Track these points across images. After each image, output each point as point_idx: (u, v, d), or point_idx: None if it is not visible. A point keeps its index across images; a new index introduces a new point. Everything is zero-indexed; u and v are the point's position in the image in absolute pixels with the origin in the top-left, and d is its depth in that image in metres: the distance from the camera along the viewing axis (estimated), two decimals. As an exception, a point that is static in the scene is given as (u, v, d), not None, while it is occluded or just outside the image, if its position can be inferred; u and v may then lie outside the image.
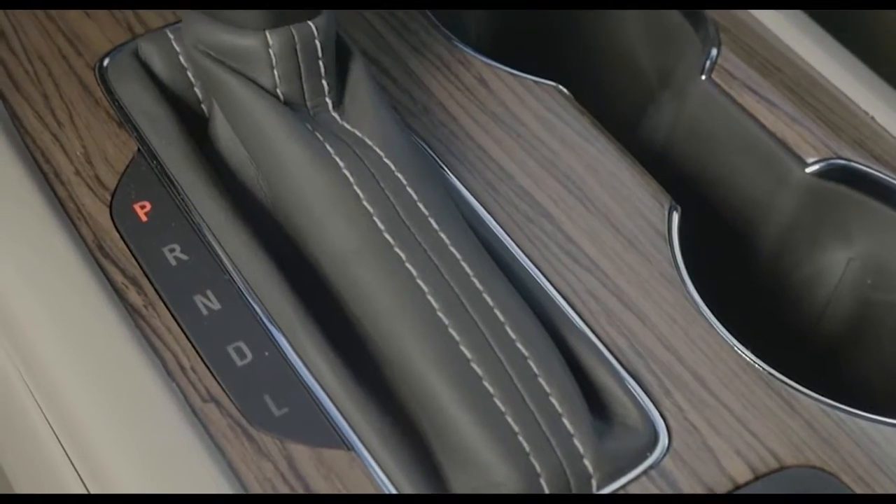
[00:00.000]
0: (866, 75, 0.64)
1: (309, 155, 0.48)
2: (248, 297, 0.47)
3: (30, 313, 0.49)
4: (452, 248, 0.47)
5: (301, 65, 0.49)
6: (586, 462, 0.44)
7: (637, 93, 0.70)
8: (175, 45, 0.53)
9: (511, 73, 0.59)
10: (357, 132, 0.50)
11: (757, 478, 0.45)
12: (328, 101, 0.51)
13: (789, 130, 0.59)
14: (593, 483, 0.44)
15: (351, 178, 0.48)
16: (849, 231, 0.60)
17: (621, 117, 0.65)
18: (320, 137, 0.49)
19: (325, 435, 0.44)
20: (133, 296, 0.48)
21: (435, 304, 0.45)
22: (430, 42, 0.59)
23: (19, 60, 0.56)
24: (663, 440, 0.46)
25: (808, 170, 0.59)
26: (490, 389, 0.44)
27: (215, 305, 0.47)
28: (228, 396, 0.45)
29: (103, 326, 0.47)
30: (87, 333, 0.47)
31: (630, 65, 0.70)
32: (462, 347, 0.45)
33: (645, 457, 0.45)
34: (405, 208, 0.47)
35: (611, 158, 0.55)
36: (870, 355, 0.62)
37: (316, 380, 0.45)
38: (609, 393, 0.47)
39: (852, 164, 0.58)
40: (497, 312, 0.46)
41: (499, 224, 0.52)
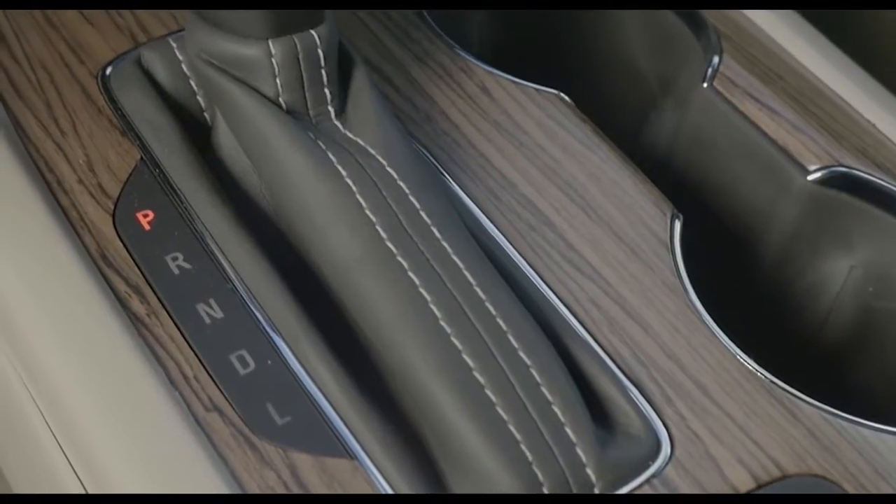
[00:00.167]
0: (868, 83, 0.64)
1: (311, 164, 0.48)
2: (250, 306, 0.47)
3: (33, 322, 0.49)
4: (455, 257, 0.47)
5: (303, 74, 0.49)
6: (589, 471, 0.44)
7: (639, 100, 0.70)
8: (178, 54, 0.53)
9: (513, 82, 0.59)
10: (360, 141, 0.50)
11: (759, 486, 0.45)
12: (331, 109, 0.51)
13: (791, 138, 0.60)
14: (595, 492, 0.44)
15: (354, 187, 0.48)
16: (851, 239, 0.60)
17: (623, 125, 0.65)
18: (323, 146, 0.49)
19: (327, 443, 0.44)
20: (136, 304, 0.48)
21: (437, 312, 0.45)
22: (432, 50, 0.59)
23: (22, 68, 0.56)
24: (666, 449, 0.46)
25: (809, 177, 0.59)
26: (492, 398, 0.44)
27: (218, 314, 0.47)
28: (231, 405, 0.45)
29: (106, 335, 0.47)
30: (90, 342, 0.47)
31: (632, 72, 0.70)
32: (464, 356, 0.45)
33: (647, 465, 0.45)
34: (408, 217, 0.48)
35: (613, 167, 0.55)
36: (872, 363, 0.62)
37: (318, 388, 0.45)
38: (611, 402, 0.47)
39: (854, 171, 0.58)
40: (500, 321, 0.46)
41: (501, 232, 0.52)
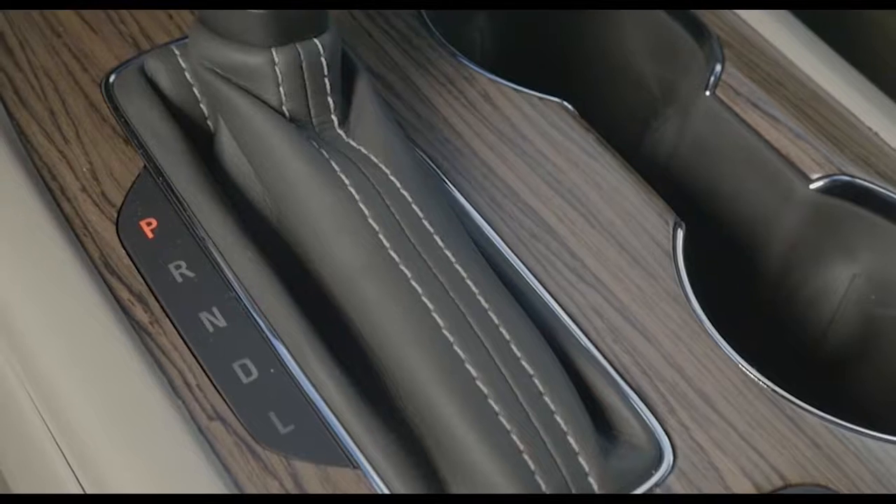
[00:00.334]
0: (870, 91, 0.64)
1: (314, 172, 0.48)
2: (253, 314, 0.47)
3: (35, 329, 0.49)
4: (457, 266, 0.47)
5: (307, 82, 0.49)
6: (591, 480, 0.44)
7: (641, 109, 0.70)
8: (181, 62, 0.53)
9: (515, 90, 0.59)
10: (362, 149, 0.50)
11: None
12: (334, 118, 0.51)
13: (793, 147, 0.60)
14: (598, 501, 0.44)
15: (356, 196, 0.48)
16: (853, 247, 0.60)
17: (626, 133, 0.65)
18: (326, 155, 0.49)
19: (330, 452, 0.44)
20: (139, 313, 0.48)
21: (440, 321, 0.45)
22: (434, 58, 0.60)
23: (26, 76, 0.56)
24: (668, 458, 0.46)
25: (812, 186, 0.59)
26: (495, 407, 0.44)
27: (221, 322, 0.47)
28: (234, 414, 0.45)
29: (109, 343, 0.47)
30: (93, 350, 0.47)
31: (634, 81, 0.70)
32: (467, 365, 0.45)
33: (650, 475, 0.45)
34: (410, 226, 0.48)
35: (615, 175, 0.56)
36: (874, 371, 0.62)
37: (321, 397, 0.45)
38: (614, 411, 0.47)
39: (856, 180, 0.58)
40: (502, 330, 0.46)
41: (503, 241, 0.52)
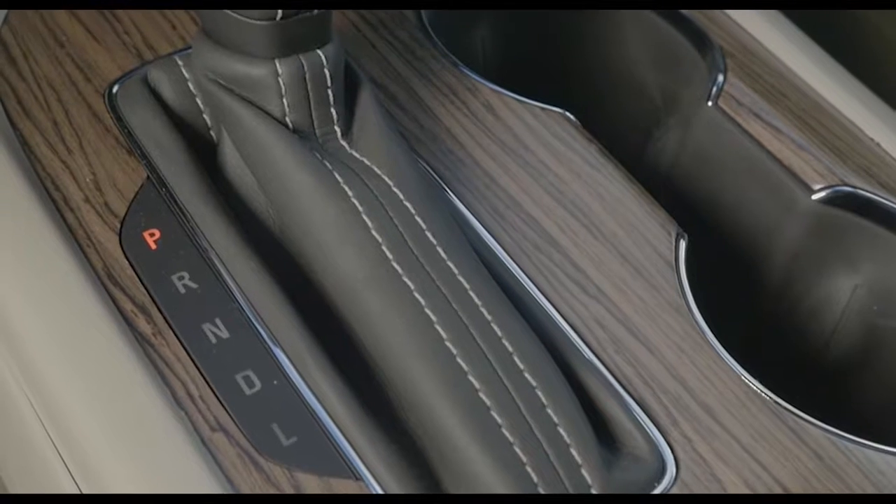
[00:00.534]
0: (872, 101, 0.64)
1: (318, 184, 0.48)
2: (256, 326, 0.47)
3: (38, 340, 0.49)
4: (460, 278, 0.47)
5: (310, 94, 0.50)
6: (594, 492, 0.44)
7: (643, 119, 0.70)
8: (184, 72, 0.53)
9: (518, 100, 0.59)
10: (366, 161, 0.50)
11: (764, 508, 0.45)
12: (337, 129, 0.51)
13: (795, 157, 0.60)
14: (601, 514, 0.44)
15: (360, 207, 0.48)
16: (855, 258, 0.60)
17: (628, 143, 0.65)
18: (329, 166, 0.49)
19: (333, 464, 0.44)
20: (142, 324, 0.48)
21: (443, 333, 0.45)
22: (437, 69, 0.60)
23: (29, 87, 0.56)
24: (671, 470, 0.46)
25: (814, 197, 0.59)
26: (498, 419, 0.44)
27: (224, 334, 0.47)
28: (237, 425, 0.45)
29: (112, 355, 0.47)
30: (97, 362, 0.47)
31: (636, 91, 0.70)
32: (470, 377, 0.45)
33: (652, 487, 0.45)
34: (414, 237, 0.48)
35: (618, 186, 0.56)
36: (876, 381, 0.62)
37: (324, 409, 0.45)
38: (617, 423, 0.47)
39: (858, 191, 0.58)
40: (505, 342, 0.46)
41: (506, 252, 0.52)
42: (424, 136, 0.56)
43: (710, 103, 0.63)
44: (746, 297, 0.64)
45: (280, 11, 0.47)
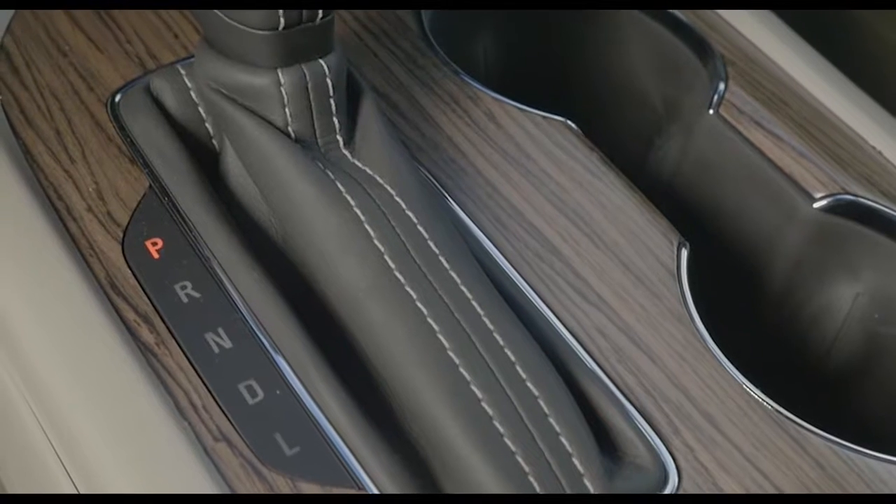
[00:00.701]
0: (873, 109, 0.64)
1: (320, 193, 0.48)
2: (259, 335, 0.48)
3: (41, 350, 0.49)
4: (463, 287, 0.47)
5: (312, 103, 0.50)
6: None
7: (645, 127, 0.70)
8: (186, 81, 0.53)
9: (519, 109, 0.59)
10: (368, 170, 0.50)
11: (766, 517, 0.45)
12: (339, 138, 0.51)
13: (797, 165, 0.60)
14: (603, 523, 0.44)
15: (362, 217, 0.48)
16: (856, 266, 0.60)
17: (629, 152, 0.65)
18: (331, 175, 0.49)
19: (335, 474, 0.44)
20: (145, 334, 0.48)
21: (445, 343, 0.46)
22: (439, 78, 0.60)
23: (32, 96, 0.56)
24: (673, 479, 0.46)
25: (815, 205, 0.59)
26: (500, 429, 0.44)
27: (227, 343, 0.47)
28: (240, 435, 0.45)
29: (115, 364, 0.47)
30: (99, 371, 0.47)
31: (638, 99, 0.70)
32: (472, 387, 0.45)
33: (655, 496, 0.45)
34: (416, 247, 0.48)
35: (620, 195, 0.56)
36: (878, 389, 0.62)
37: (327, 418, 0.45)
38: (618, 432, 0.47)
39: (860, 199, 0.59)
40: (507, 352, 0.46)
41: (508, 261, 0.52)
42: (426, 144, 0.57)
43: (711, 111, 0.63)
44: (748, 306, 0.64)
45: (282, 21, 0.47)
